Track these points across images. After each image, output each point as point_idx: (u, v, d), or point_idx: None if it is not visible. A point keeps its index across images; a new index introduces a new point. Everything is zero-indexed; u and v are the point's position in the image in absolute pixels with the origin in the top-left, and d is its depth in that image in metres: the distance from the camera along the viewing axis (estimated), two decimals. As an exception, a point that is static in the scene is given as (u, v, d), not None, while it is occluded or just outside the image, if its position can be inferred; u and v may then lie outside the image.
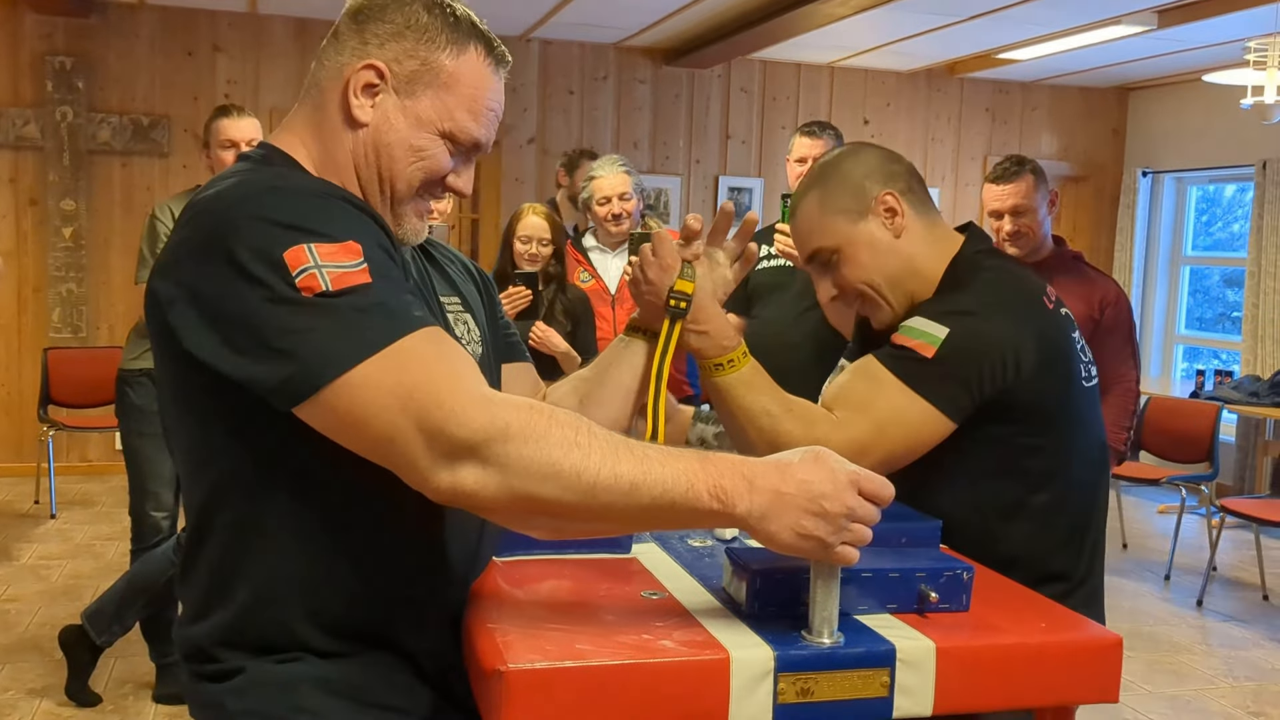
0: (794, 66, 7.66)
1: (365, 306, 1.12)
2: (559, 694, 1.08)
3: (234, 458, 1.22)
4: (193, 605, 1.29)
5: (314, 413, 1.12)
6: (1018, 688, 1.24)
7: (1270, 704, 3.93)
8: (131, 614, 3.41)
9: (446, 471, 1.10)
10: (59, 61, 6.47)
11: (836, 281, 1.79)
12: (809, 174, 1.82)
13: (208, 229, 1.16)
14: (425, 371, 1.11)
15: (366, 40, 1.28)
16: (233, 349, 1.13)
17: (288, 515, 1.22)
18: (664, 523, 1.18)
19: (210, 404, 1.20)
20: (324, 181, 1.28)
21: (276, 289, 1.11)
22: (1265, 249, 7.06)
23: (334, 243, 1.14)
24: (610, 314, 3.94)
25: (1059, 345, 1.71)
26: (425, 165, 1.31)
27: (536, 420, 1.11)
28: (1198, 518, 6.58)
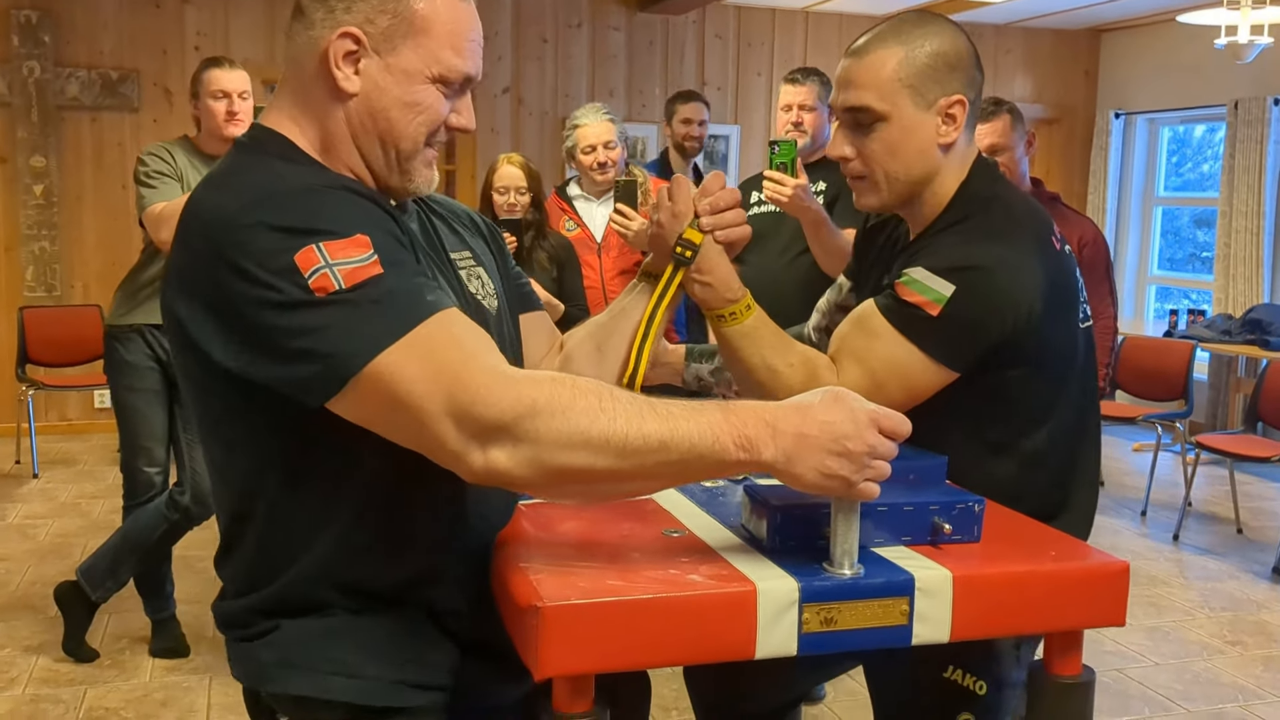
0: (769, 12, 7.62)
1: (380, 298, 1.13)
2: (594, 628, 1.12)
3: (272, 449, 1.25)
4: (235, 583, 1.33)
5: (344, 406, 1.15)
6: (1030, 614, 1.28)
7: (1246, 633, 4.03)
8: (126, 570, 3.42)
9: (479, 453, 1.12)
10: (24, 15, 6.35)
11: (860, 147, 1.68)
12: (898, 19, 1.68)
13: (215, 242, 1.16)
14: (446, 355, 1.12)
15: (333, 9, 1.27)
16: (258, 357, 1.15)
17: (325, 497, 1.26)
18: (693, 475, 1.21)
19: (245, 405, 1.22)
20: (324, 171, 1.28)
21: (291, 294, 1.12)
22: (1236, 188, 7.13)
23: (342, 238, 1.14)
24: (596, 262, 3.94)
25: (1065, 290, 1.67)
26: (424, 118, 1.30)
27: (561, 392, 1.13)
28: (1173, 455, 6.70)
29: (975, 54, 1.70)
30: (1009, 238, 1.63)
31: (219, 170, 1.30)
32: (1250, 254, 7.06)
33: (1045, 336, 1.64)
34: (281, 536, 1.27)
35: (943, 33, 1.66)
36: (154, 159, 3.27)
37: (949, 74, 1.64)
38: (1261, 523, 5.49)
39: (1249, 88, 7.06)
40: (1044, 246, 1.66)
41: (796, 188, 3.05)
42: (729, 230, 1.58)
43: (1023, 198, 1.73)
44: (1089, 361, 1.78)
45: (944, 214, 1.70)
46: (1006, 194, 1.71)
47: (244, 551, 1.31)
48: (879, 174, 1.69)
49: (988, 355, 1.62)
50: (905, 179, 1.68)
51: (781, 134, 3.53)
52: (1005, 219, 1.66)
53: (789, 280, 3.38)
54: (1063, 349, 1.69)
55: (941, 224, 1.70)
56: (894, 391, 1.59)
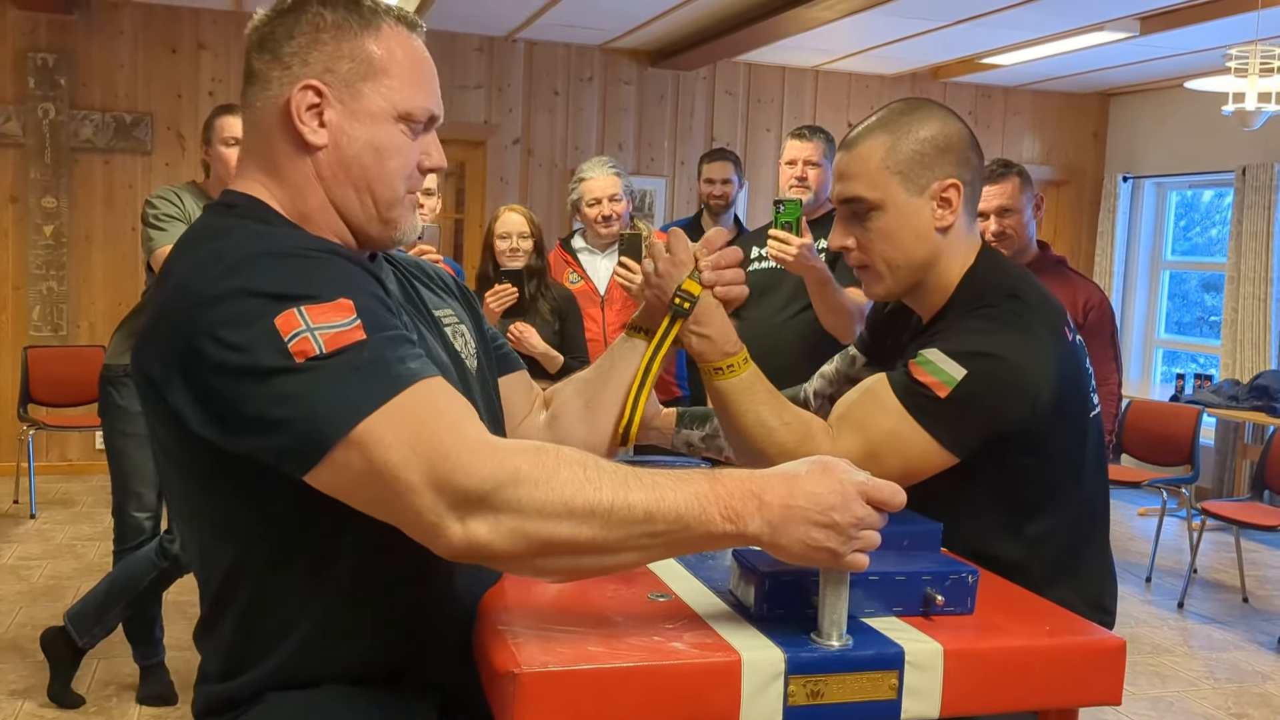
0: (779, 69, 7.68)
1: (360, 364, 1.10)
2: (572, 696, 1.09)
3: (253, 527, 1.21)
4: (218, 665, 1.28)
5: (323, 477, 1.11)
6: (1023, 690, 1.25)
7: (1251, 705, 3.96)
8: (114, 615, 3.38)
9: (458, 524, 1.09)
10: (41, 58, 6.42)
11: (859, 237, 1.70)
12: (888, 109, 1.71)
13: (191, 308, 1.13)
14: (427, 423, 1.09)
15: (288, 65, 1.25)
16: (234, 426, 1.11)
17: (310, 580, 1.22)
18: (679, 548, 1.17)
19: (221, 477, 1.19)
20: (306, 235, 1.25)
21: (269, 360, 1.09)
22: (1244, 254, 7.13)
23: (324, 302, 1.11)
24: (599, 315, 3.94)
25: (1075, 382, 1.67)
26: (397, 161, 1.28)
27: (545, 461, 1.10)
28: (1178, 520, 6.64)
29: (969, 136, 1.71)
30: (1025, 328, 1.63)
31: (194, 233, 1.27)
32: (1258, 320, 7.04)
33: (1050, 427, 1.63)
34: (265, 615, 1.24)
35: (930, 118, 1.68)
36: (163, 202, 3.29)
37: (939, 158, 1.66)
38: (1268, 591, 5.42)
39: (1256, 154, 7.07)
40: (1057, 337, 1.65)
41: (801, 247, 3.05)
42: (728, 288, 1.57)
43: (1037, 287, 1.73)
44: (1099, 449, 1.76)
45: (957, 298, 1.71)
46: (1022, 282, 1.71)
47: (226, 633, 1.27)
48: (879, 262, 1.70)
49: (994, 442, 1.61)
50: (906, 265, 1.69)
51: (785, 188, 3.55)
52: (1022, 308, 1.66)
53: (788, 336, 3.37)
54: (1067, 440, 1.68)
55: (957, 308, 1.70)
56: (890, 465, 1.56)
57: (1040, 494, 1.68)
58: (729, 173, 4.86)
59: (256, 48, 1.29)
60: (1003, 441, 1.61)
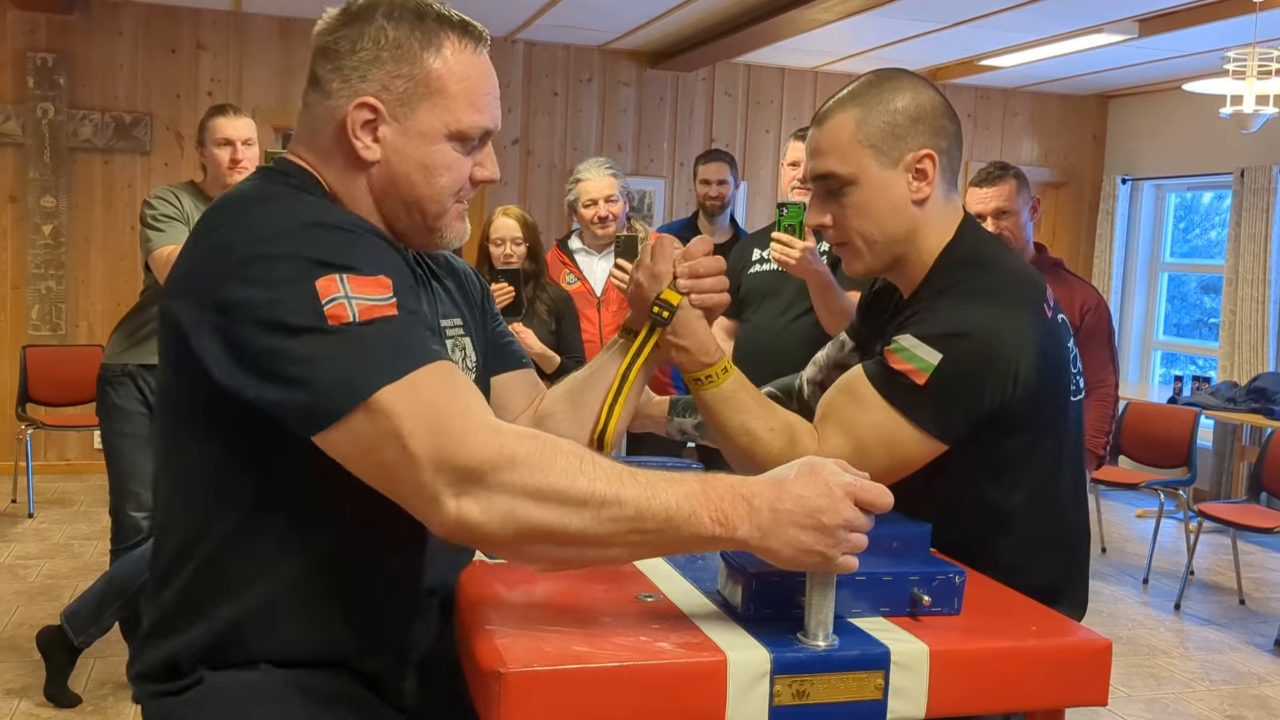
0: (778, 71, 7.68)
1: (389, 337, 1.13)
2: (557, 696, 1.09)
3: (239, 480, 1.23)
4: (161, 619, 1.28)
5: (332, 439, 1.13)
6: (1009, 690, 1.25)
7: (1247, 707, 3.96)
8: (110, 615, 3.38)
9: (452, 501, 1.11)
10: (40, 58, 6.43)
11: (835, 214, 1.66)
12: (857, 82, 1.66)
13: (236, 259, 1.16)
14: (439, 401, 1.12)
15: (348, 78, 1.27)
16: (255, 377, 1.14)
17: (281, 541, 1.24)
18: (667, 548, 1.19)
19: (225, 429, 1.21)
20: (352, 215, 1.28)
21: (303, 319, 1.12)
22: (1243, 256, 7.13)
23: (366, 275, 1.15)
24: (595, 316, 3.94)
25: (1055, 358, 1.63)
26: (448, 178, 1.31)
27: (542, 449, 1.13)
28: (1175, 522, 6.64)
29: (943, 104, 1.66)
30: (999, 301, 1.59)
31: (242, 194, 1.29)
32: (1256, 322, 7.04)
33: (1032, 404, 1.60)
34: (224, 573, 1.24)
35: (901, 88, 1.63)
36: (161, 203, 3.29)
37: (912, 128, 1.62)
38: (1264, 594, 5.42)
39: (1255, 157, 7.08)
40: (1035, 311, 1.61)
41: (804, 250, 3.06)
42: (706, 296, 1.55)
43: (1015, 260, 1.69)
44: (1079, 435, 1.74)
45: (933, 275, 1.67)
46: (998, 256, 1.68)
47: (180, 584, 1.26)
48: (856, 238, 1.67)
49: (979, 424, 1.58)
50: (883, 239, 1.65)
51: (787, 189, 3.54)
52: (996, 281, 1.62)
53: (791, 339, 3.37)
54: (1049, 418, 1.65)
55: (932, 287, 1.66)
56: (879, 460, 1.55)
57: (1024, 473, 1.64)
58: (725, 174, 4.86)
59: (320, 54, 1.30)
60: (988, 423, 1.58)
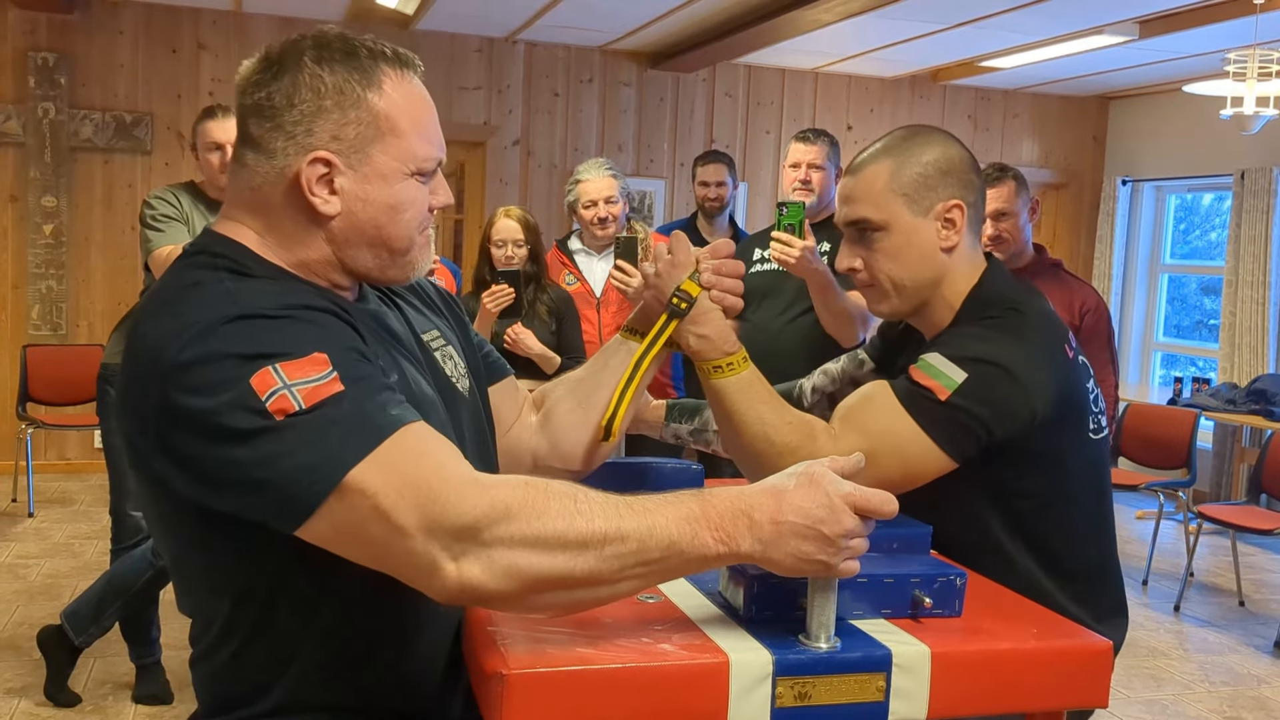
0: (778, 72, 7.69)
1: (341, 417, 1.09)
2: (560, 697, 1.09)
3: (240, 580, 1.22)
4: (211, 702, 1.29)
5: (316, 529, 1.10)
6: (1010, 692, 1.25)
7: (1246, 709, 3.97)
8: (110, 615, 3.39)
9: (451, 565, 1.08)
10: (41, 57, 6.43)
11: (865, 258, 1.73)
12: (891, 135, 1.75)
13: (163, 375, 1.11)
14: (414, 467, 1.09)
15: (292, 135, 1.21)
16: (221, 489, 1.11)
17: (300, 622, 1.23)
18: (676, 573, 1.17)
19: (209, 534, 1.19)
20: (280, 289, 1.21)
21: (249, 422, 1.08)
22: (1243, 258, 7.13)
23: (298, 358, 1.10)
24: (595, 317, 3.94)
25: (1074, 400, 1.68)
26: (411, 213, 1.27)
27: (534, 495, 1.10)
28: (1175, 523, 6.65)
29: (970, 159, 1.75)
30: (1024, 339, 1.66)
31: (162, 289, 1.23)
32: (1256, 323, 7.05)
33: (1047, 443, 1.65)
34: (253, 664, 1.24)
35: (933, 143, 1.72)
36: (161, 202, 3.29)
37: (942, 180, 1.70)
38: (1264, 595, 5.43)
39: (1255, 158, 7.08)
40: (1057, 355, 1.67)
41: (804, 249, 3.06)
42: (725, 295, 1.57)
43: (1040, 303, 1.75)
44: (1096, 472, 1.77)
45: (960, 316, 1.73)
46: (1023, 299, 1.73)
47: (218, 671, 1.27)
48: (885, 281, 1.73)
49: (992, 452, 1.62)
50: (912, 284, 1.72)
51: (788, 191, 3.55)
52: (1022, 321, 1.68)
53: (790, 339, 3.38)
54: (1064, 458, 1.69)
55: (960, 323, 1.72)
56: (890, 465, 1.58)
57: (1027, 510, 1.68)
58: (723, 175, 4.85)
59: (254, 113, 1.23)
60: (1000, 453, 1.62)
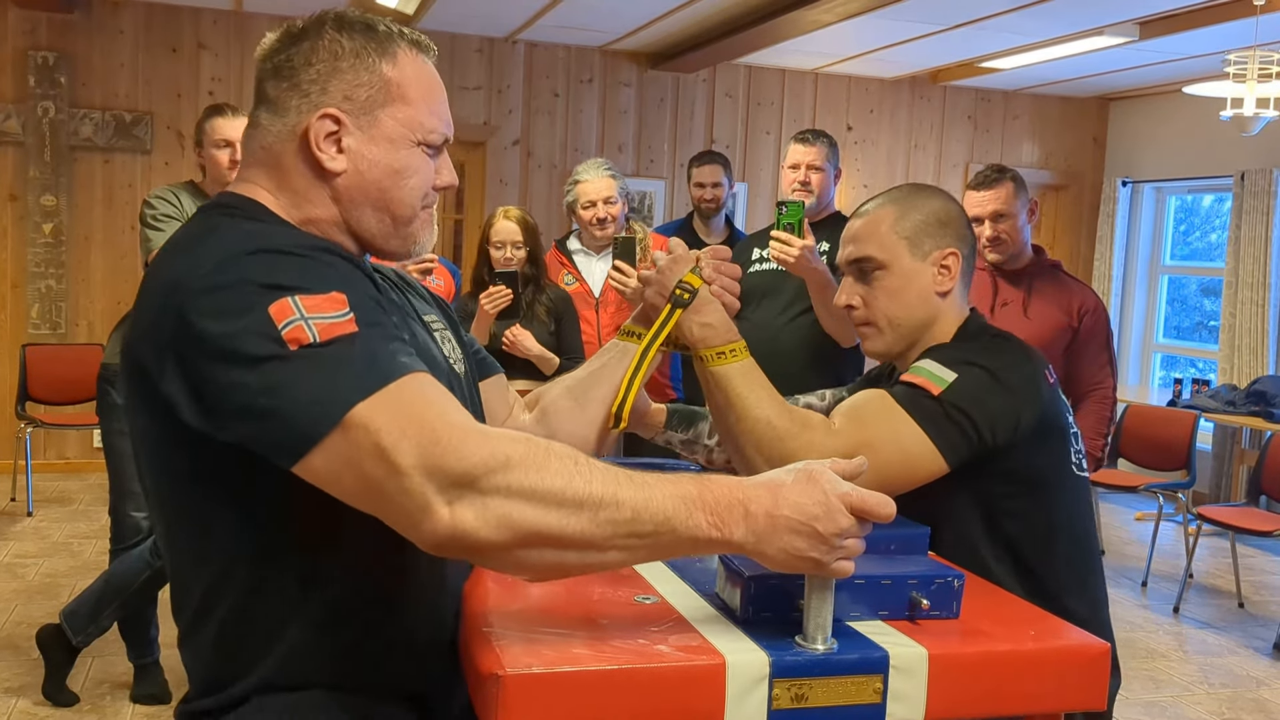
0: (778, 72, 7.68)
1: (353, 355, 1.10)
2: (556, 699, 1.09)
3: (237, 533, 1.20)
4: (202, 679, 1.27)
5: (314, 463, 1.10)
6: (1008, 695, 1.25)
7: (1245, 710, 3.96)
8: (109, 614, 3.38)
9: (445, 509, 1.07)
10: (41, 57, 6.43)
11: (865, 296, 1.83)
12: (894, 189, 1.89)
13: (182, 300, 1.13)
14: (420, 411, 1.09)
15: (306, 93, 1.25)
16: (226, 414, 1.11)
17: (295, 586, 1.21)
18: (664, 551, 1.17)
19: (207, 479, 1.18)
20: (304, 234, 1.25)
21: (263, 348, 1.09)
22: (1243, 259, 7.13)
23: (318, 294, 1.12)
24: (594, 317, 3.94)
25: (1057, 420, 1.76)
26: (415, 182, 1.30)
27: (535, 450, 1.10)
28: (1175, 525, 6.64)
29: (966, 217, 1.88)
30: (1011, 361, 1.76)
31: (185, 231, 1.26)
32: (1256, 325, 7.04)
33: (1032, 458, 1.72)
34: (246, 635, 1.23)
35: (933, 197, 1.86)
36: (161, 202, 3.28)
37: (940, 230, 1.82)
38: (1263, 597, 5.42)
39: (1255, 160, 7.08)
40: (1039, 377, 1.76)
41: (803, 248, 3.06)
42: (723, 293, 1.66)
43: (1020, 340, 1.85)
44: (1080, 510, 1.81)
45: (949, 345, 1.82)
46: (1004, 335, 1.86)
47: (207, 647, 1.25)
48: (882, 319, 1.83)
49: (978, 462, 1.67)
50: (907, 323, 1.82)
51: (788, 192, 3.54)
52: (1005, 348, 1.80)
53: (790, 338, 3.38)
54: (1049, 480, 1.75)
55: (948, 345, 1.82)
56: (889, 458, 1.63)
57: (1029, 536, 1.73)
58: (719, 176, 4.85)
59: (272, 75, 1.28)
60: (989, 465, 1.68)
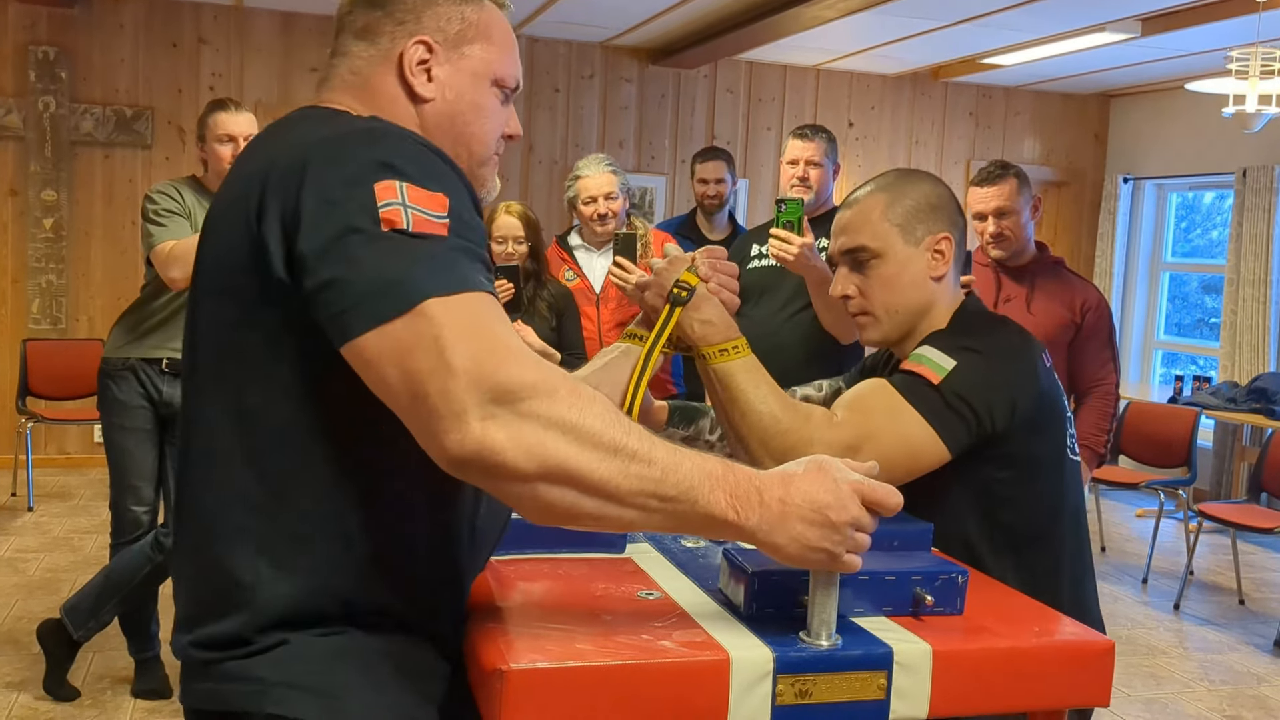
0: (780, 68, 7.67)
1: (437, 254, 1.10)
2: (559, 694, 1.09)
3: (294, 409, 1.17)
4: (227, 591, 1.20)
5: (368, 343, 1.07)
6: (1011, 691, 1.25)
7: (1245, 707, 3.96)
8: (109, 609, 3.38)
9: (477, 422, 1.04)
10: (42, 51, 6.42)
11: (860, 285, 1.82)
12: (883, 175, 1.87)
13: (309, 153, 1.15)
14: (485, 324, 1.08)
15: (402, 20, 1.30)
16: (307, 269, 1.11)
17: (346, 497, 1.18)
18: (679, 522, 1.14)
19: (273, 346, 1.16)
20: (425, 139, 1.25)
21: (356, 219, 1.10)
22: (1244, 256, 7.13)
23: (425, 189, 1.13)
24: (594, 313, 3.93)
25: (1054, 404, 1.76)
26: (494, 121, 1.35)
27: (582, 390, 1.10)
28: (1175, 522, 6.64)
29: (956, 201, 1.87)
30: (1008, 345, 1.77)
31: (299, 115, 1.28)
32: (1257, 322, 7.04)
33: (1030, 443, 1.72)
34: (283, 527, 1.18)
35: (923, 182, 1.85)
36: (163, 197, 3.28)
37: (932, 215, 1.81)
38: (1264, 594, 5.42)
39: (1257, 156, 7.07)
40: (1036, 361, 1.76)
41: (802, 246, 3.06)
42: (721, 289, 1.68)
43: (1017, 324, 1.86)
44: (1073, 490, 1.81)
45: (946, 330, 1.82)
46: (999, 319, 1.87)
47: (237, 558, 1.19)
48: (879, 307, 1.82)
49: (977, 447, 1.67)
50: (904, 310, 1.81)
51: (786, 188, 3.54)
52: (1003, 332, 1.81)
53: (789, 335, 3.37)
54: (1045, 463, 1.75)
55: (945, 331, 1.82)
56: (891, 449, 1.63)
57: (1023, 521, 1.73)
58: (722, 172, 4.84)
59: (364, 3, 1.32)
60: (987, 451, 1.68)
